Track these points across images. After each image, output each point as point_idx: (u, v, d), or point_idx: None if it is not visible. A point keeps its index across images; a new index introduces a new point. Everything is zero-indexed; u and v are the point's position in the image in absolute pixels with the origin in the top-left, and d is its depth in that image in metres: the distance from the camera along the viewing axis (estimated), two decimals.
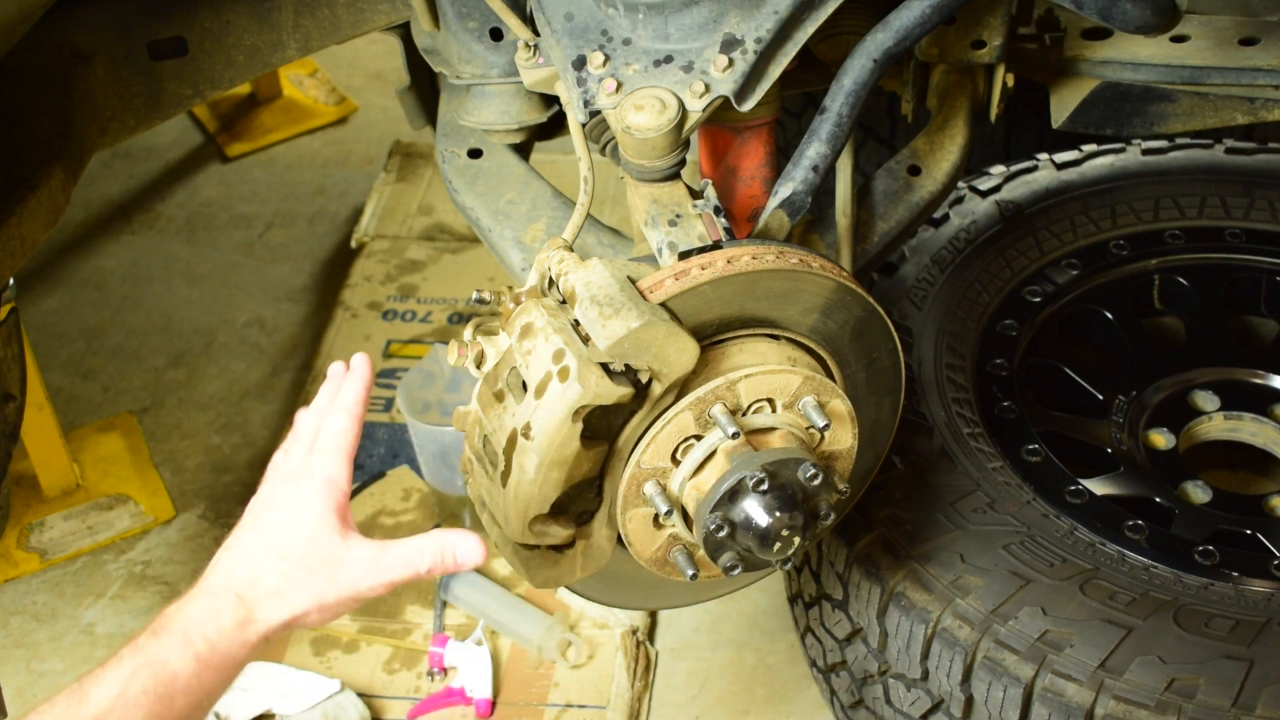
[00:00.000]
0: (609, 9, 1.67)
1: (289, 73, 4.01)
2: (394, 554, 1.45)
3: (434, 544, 1.46)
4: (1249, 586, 1.85)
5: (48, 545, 2.73)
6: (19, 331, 2.08)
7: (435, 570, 1.46)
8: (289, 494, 1.47)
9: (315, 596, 1.41)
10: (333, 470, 1.49)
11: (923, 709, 1.90)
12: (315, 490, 1.46)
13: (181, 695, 1.33)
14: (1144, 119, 2.12)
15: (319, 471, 1.48)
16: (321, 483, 1.47)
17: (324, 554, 1.43)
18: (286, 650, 2.46)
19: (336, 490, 1.47)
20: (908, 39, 1.71)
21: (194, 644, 1.35)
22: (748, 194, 1.91)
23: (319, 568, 1.42)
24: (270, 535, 1.44)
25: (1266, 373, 2.30)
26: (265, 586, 1.40)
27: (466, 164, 2.08)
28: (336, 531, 1.44)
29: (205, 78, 2.09)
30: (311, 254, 3.48)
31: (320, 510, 1.45)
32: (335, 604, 1.43)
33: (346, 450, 1.51)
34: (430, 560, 1.46)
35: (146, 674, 1.32)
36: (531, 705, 2.36)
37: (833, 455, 1.62)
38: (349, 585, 1.43)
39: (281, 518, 1.45)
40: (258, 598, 1.39)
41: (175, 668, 1.33)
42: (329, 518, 1.45)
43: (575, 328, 1.46)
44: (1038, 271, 2.34)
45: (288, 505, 1.46)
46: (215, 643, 1.36)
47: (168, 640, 1.35)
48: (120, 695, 1.30)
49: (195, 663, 1.34)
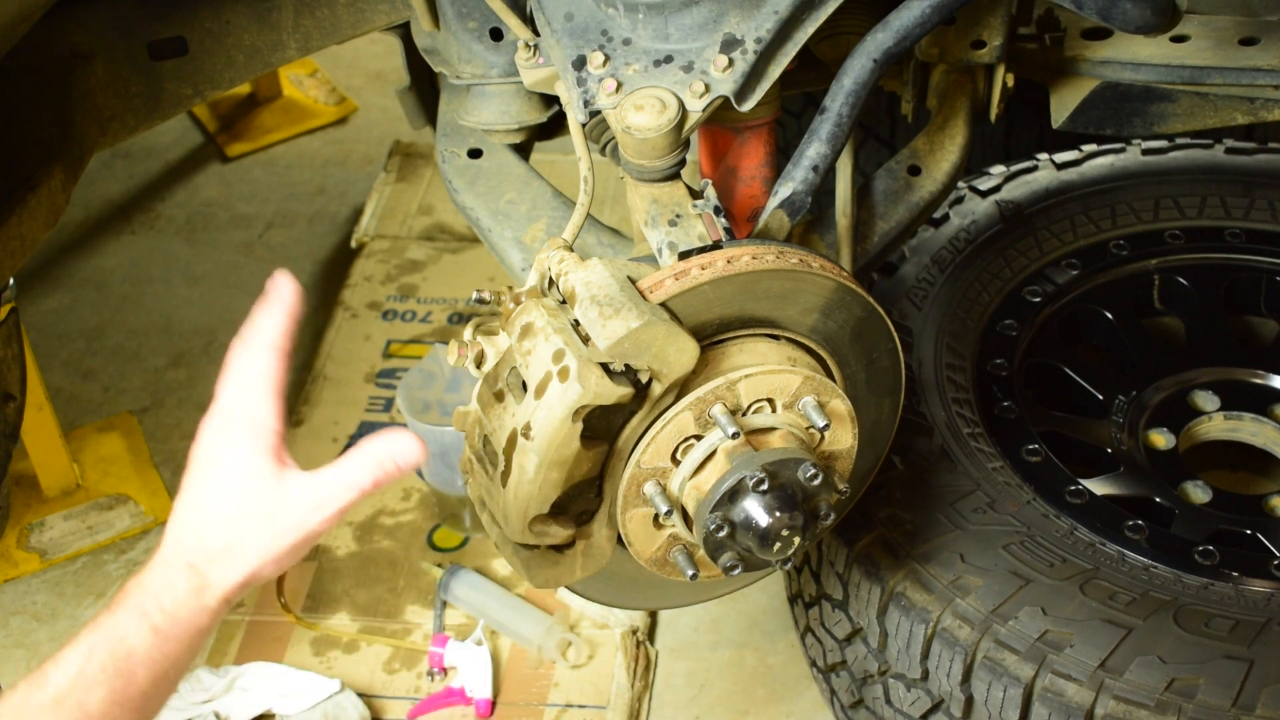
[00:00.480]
0: (609, 9, 1.67)
1: (289, 73, 4.01)
2: (334, 483, 1.39)
3: (370, 457, 1.41)
4: (1249, 586, 1.85)
5: (48, 545, 2.73)
6: (19, 331, 2.08)
7: (380, 482, 1.41)
8: (219, 447, 1.41)
9: (264, 549, 1.37)
10: (257, 411, 1.41)
11: (923, 709, 1.90)
12: (242, 437, 1.40)
13: (142, 668, 1.31)
14: (1144, 119, 2.12)
15: (243, 416, 1.41)
16: (246, 427, 1.40)
17: (264, 504, 1.38)
18: (286, 650, 2.46)
19: (265, 431, 1.40)
20: (908, 39, 1.71)
21: (150, 615, 1.33)
22: (748, 194, 1.91)
23: (262, 520, 1.37)
24: (208, 496, 1.39)
25: (1266, 373, 2.30)
26: (213, 550, 1.36)
27: (466, 164, 2.08)
28: (271, 476, 1.38)
29: (205, 78, 2.09)
30: (311, 254, 3.48)
31: (251, 458, 1.39)
32: (289, 550, 1.39)
33: (271, 387, 1.42)
34: (372, 474, 1.40)
35: (104, 650, 1.30)
36: (531, 705, 2.36)
37: (833, 455, 1.62)
38: (296, 528, 1.38)
39: (215, 475, 1.39)
40: (208, 562, 1.36)
41: (133, 642, 1.31)
42: (261, 463, 1.39)
43: (575, 328, 1.46)
44: (1038, 271, 2.34)
45: (219, 460, 1.40)
46: (172, 612, 1.34)
47: (123, 615, 1.32)
48: (79, 675, 1.28)
49: (153, 634, 1.32)
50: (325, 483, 1.39)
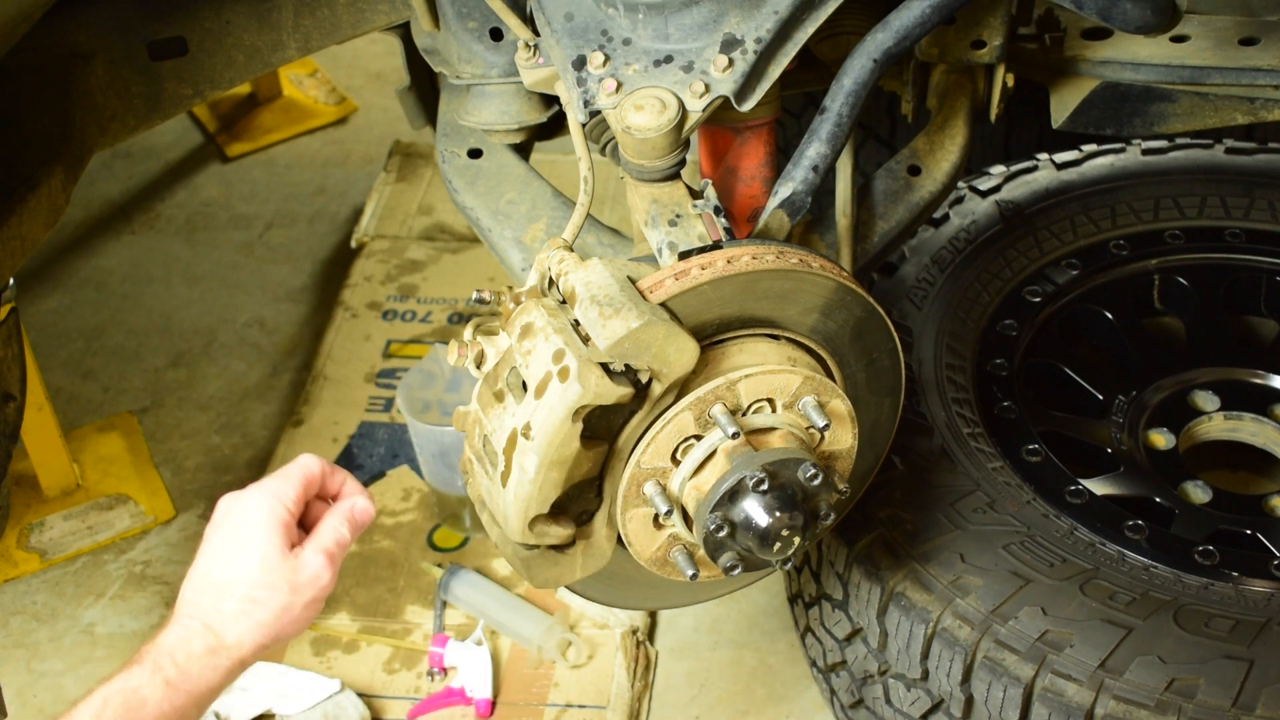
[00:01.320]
0: (609, 9, 1.67)
1: (289, 73, 4.01)
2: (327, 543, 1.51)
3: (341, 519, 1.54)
4: (1249, 586, 1.85)
5: (48, 545, 2.73)
6: (19, 331, 2.08)
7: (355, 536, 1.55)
8: (236, 513, 1.50)
9: (282, 610, 1.46)
10: (280, 490, 1.51)
11: (923, 709, 1.90)
12: (261, 507, 1.50)
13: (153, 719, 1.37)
14: (1144, 119, 2.12)
15: (267, 489, 1.52)
16: (268, 498, 1.50)
17: (278, 566, 1.47)
18: (286, 650, 2.46)
19: (281, 506, 1.50)
20: (908, 39, 1.71)
21: (163, 669, 1.39)
22: (748, 194, 1.91)
23: (279, 583, 1.46)
24: (224, 559, 1.47)
25: (1266, 373, 2.30)
26: (229, 611, 1.44)
27: (466, 164, 2.08)
28: (285, 543, 1.48)
29: (205, 78, 2.09)
30: (311, 254, 3.48)
31: (267, 527, 1.48)
32: (304, 611, 1.48)
33: (300, 479, 1.54)
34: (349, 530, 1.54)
35: (117, 700, 1.36)
36: (531, 705, 2.36)
37: (833, 455, 1.62)
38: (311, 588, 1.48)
39: (230, 540, 1.48)
40: (224, 624, 1.43)
41: (145, 693, 1.37)
42: (275, 530, 1.48)
43: (575, 328, 1.46)
44: (1038, 271, 2.34)
45: (236, 526, 1.49)
46: (185, 667, 1.40)
47: (138, 669, 1.39)
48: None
49: (165, 687, 1.38)
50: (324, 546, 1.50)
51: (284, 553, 1.47)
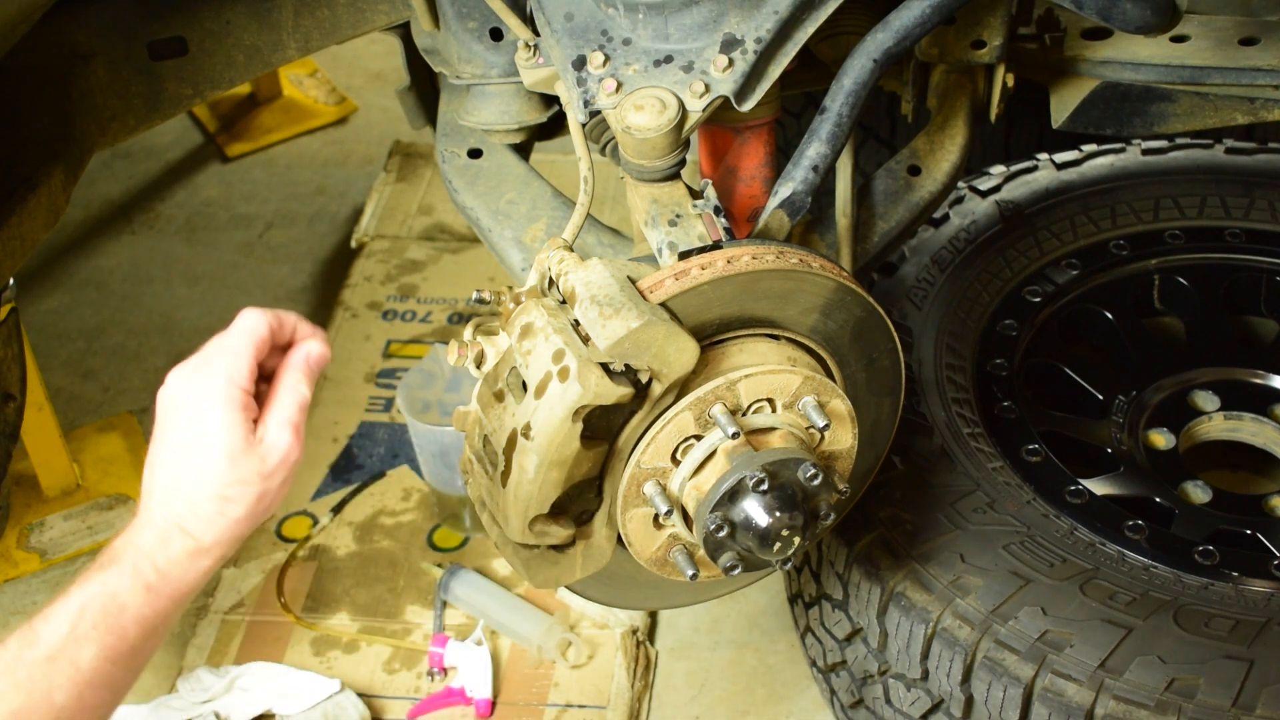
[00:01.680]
0: (609, 9, 1.67)
1: (289, 73, 4.01)
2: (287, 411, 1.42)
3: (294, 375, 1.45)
4: (1249, 586, 1.85)
5: (48, 545, 2.73)
6: (19, 331, 2.08)
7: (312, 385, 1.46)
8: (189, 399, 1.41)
9: (256, 499, 1.39)
10: (231, 367, 1.41)
11: (923, 709, 1.90)
12: (216, 392, 1.40)
13: (133, 625, 1.32)
14: (1144, 119, 2.12)
15: (218, 369, 1.41)
16: (221, 382, 1.40)
17: (246, 459, 1.38)
18: (286, 650, 2.46)
19: (235, 388, 1.40)
20: (908, 39, 1.71)
21: (143, 573, 1.34)
22: (748, 194, 1.91)
23: (250, 477, 1.38)
24: (188, 457, 1.39)
25: (1266, 373, 2.30)
26: (205, 513, 1.37)
27: (466, 164, 2.08)
28: (249, 430, 1.39)
29: (205, 78, 2.09)
30: (311, 254, 3.48)
31: (228, 416, 1.39)
32: (277, 491, 1.41)
33: (251, 345, 1.43)
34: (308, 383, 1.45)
35: (95, 607, 1.31)
36: (531, 705, 2.36)
37: (833, 455, 1.62)
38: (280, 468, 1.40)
39: (190, 433, 1.40)
40: (201, 526, 1.37)
41: (125, 599, 1.32)
42: (238, 419, 1.39)
43: (575, 328, 1.46)
44: (1038, 271, 2.34)
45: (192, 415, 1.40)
46: (165, 571, 1.35)
47: (116, 571, 1.34)
48: (71, 632, 1.29)
49: (146, 592, 1.34)
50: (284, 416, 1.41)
51: (248, 440, 1.38)
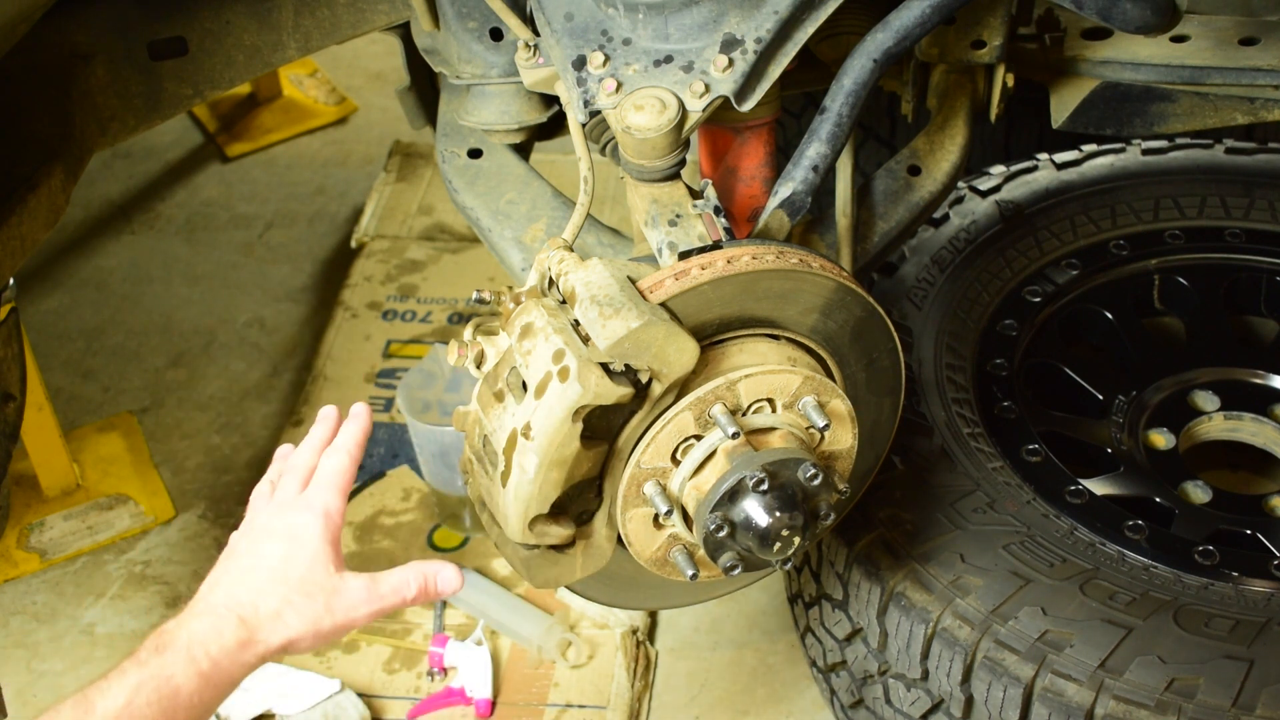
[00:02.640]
0: (609, 9, 1.67)
1: (289, 73, 4.01)
2: (384, 585, 1.52)
3: (417, 575, 1.54)
4: (1249, 586, 1.85)
5: (48, 545, 2.73)
6: (19, 331, 2.08)
7: (419, 599, 1.55)
8: (286, 523, 1.52)
9: (312, 622, 1.46)
10: (330, 504, 1.54)
11: (923, 709, 1.90)
12: (314, 521, 1.52)
13: (184, 710, 1.36)
14: (1144, 119, 2.12)
15: (317, 503, 1.54)
16: (320, 515, 1.52)
17: (321, 583, 1.48)
18: None
19: (333, 524, 1.53)
20: (908, 39, 1.71)
21: (198, 661, 1.38)
22: (748, 194, 1.91)
23: (317, 595, 1.47)
24: (270, 561, 1.48)
25: (1266, 373, 2.30)
26: (266, 610, 1.44)
27: (466, 164, 2.08)
28: (332, 563, 1.50)
29: (205, 78, 2.09)
30: (311, 254, 3.48)
31: (318, 541, 1.50)
32: (329, 632, 1.48)
33: (343, 487, 1.57)
34: (415, 590, 1.54)
35: (151, 688, 1.34)
36: (531, 705, 2.36)
37: (833, 455, 1.62)
38: (344, 614, 1.48)
39: (281, 545, 1.50)
40: (259, 620, 1.43)
41: (179, 682, 1.36)
42: (326, 549, 1.50)
43: (575, 328, 1.46)
44: (1038, 271, 2.33)
45: (286, 534, 1.51)
46: (218, 660, 1.39)
47: (172, 656, 1.38)
48: (126, 707, 1.32)
49: (199, 679, 1.37)
50: (376, 586, 1.51)
51: (330, 570, 1.49)
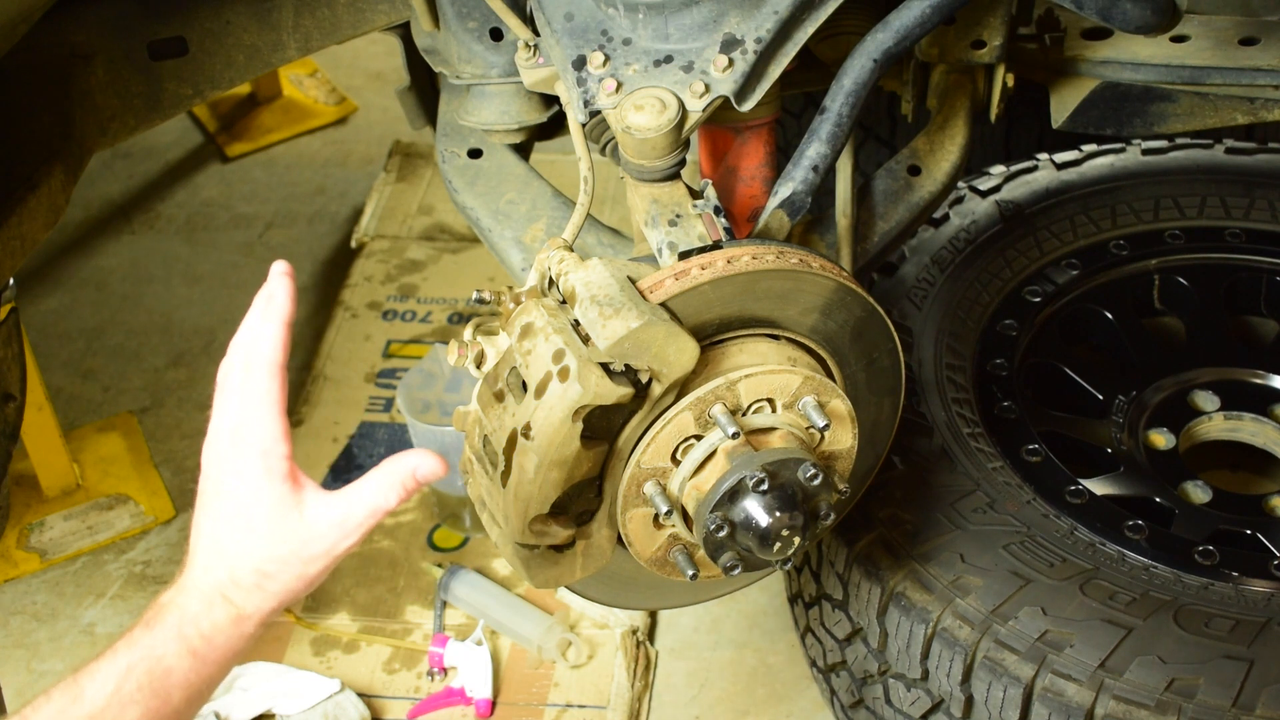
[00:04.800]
0: (609, 9, 1.67)
1: (289, 73, 4.01)
2: (358, 505, 1.40)
3: (393, 477, 1.41)
4: (1249, 586, 1.85)
5: (48, 545, 2.73)
6: (19, 331, 2.08)
7: (401, 499, 1.42)
8: (230, 474, 1.39)
9: (296, 578, 1.39)
10: (264, 434, 1.38)
11: (923, 709, 1.90)
12: (254, 464, 1.38)
13: (178, 690, 1.33)
14: (1144, 119, 2.12)
15: (252, 441, 1.38)
16: (257, 453, 1.38)
17: (287, 534, 1.38)
18: (286, 650, 2.46)
19: (276, 456, 1.38)
20: (908, 39, 1.71)
21: (189, 639, 1.34)
22: (748, 194, 1.91)
23: (289, 553, 1.38)
24: (229, 526, 1.38)
25: (1266, 373, 2.30)
26: (245, 582, 1.38)
27: (466, 164, 2.08)
28: (291, 503, 1.38)
29: (205, 78, 2.09)
30: (311, 254, 3.49)
31: (267, 485, 1.37)
32: (317, 574, 1.40)
33: (275, 407, 1.39)
34: (397, 495, 1.41)
35: (141, 669, 1.31)
36: (531, 705, 2.36)
37: (833, 455, 1.62)
38: (324, 553, 1.39)
39: (233, 504, 1.39)
40: (242, 596, 1.38)
41: (170, 663, 1.32)
42: (278, 489, 1.38)
43: (575, 328, 1.46)
44: (1038, 271, 2.34)
45: (233, 488, 1.39)
46: (210, 637, 1.35)
47: (162, 635, 1.33)
48: (116, 692, 1.29)
49: (191, 657, 1.34)
50: (347, 503, 1.40)
51: (292, 514, 1.37)
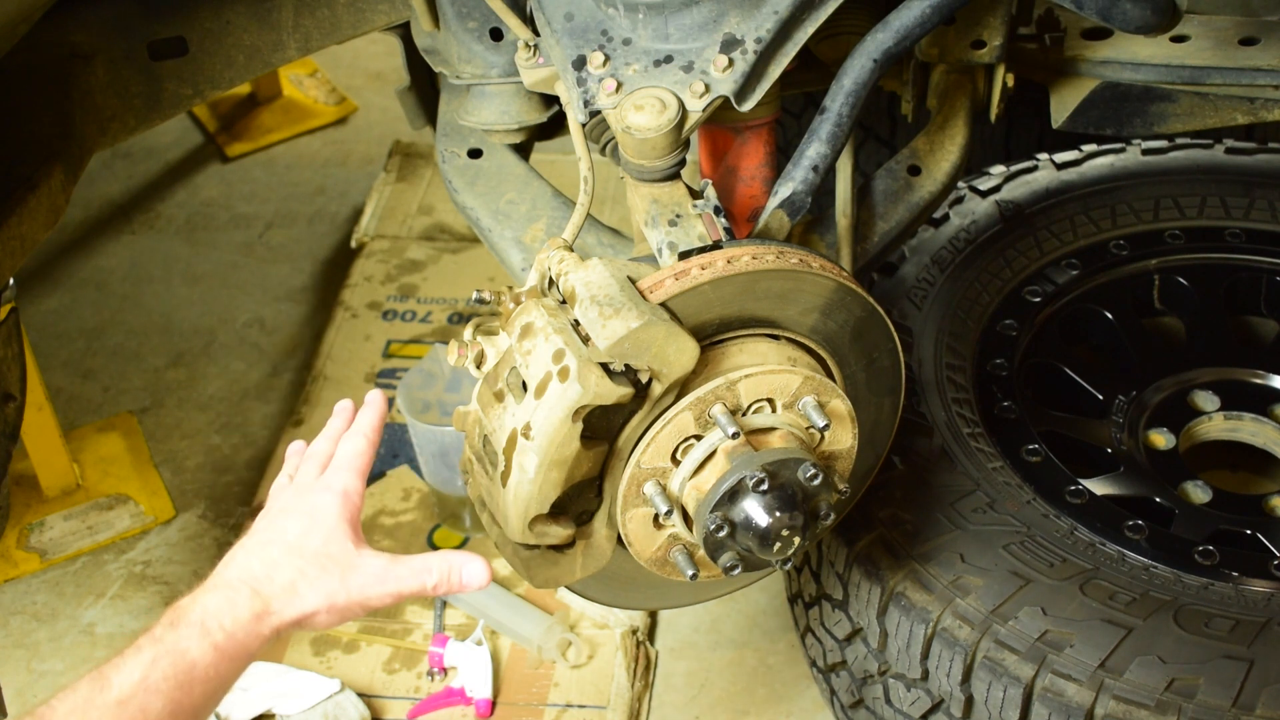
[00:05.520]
0: (609, 9, 1.67)
1: (289, 73, 4.01)
2: (404, 567, 1.50)
3: (442, 562, 1.52)
4: (1249, 586, 1.85)
5: (48, 545, 2.73)
6: (19, 331, 2.08)
7: (440, 588, 1.51)
8: (305, 502, 1.53)
9: (327, 595, 1.46)
10: (349, 484, 1.54)
11: (923, 709, 1.90)
12: (332, 500, 1.52)
13: (200, 683, 1.36)
14: (1144, 119, 2.12)
15: (336, 484, 1.54)
16: (339, 494, 1.52)
17: (337, 557, 1.47)
18: (286, 650, 2.46)
19: (351, 504, 1.53)
20: (908, 39, 1.71)
21: (212, 634, 1.38)
22: (748, 194, 1.91)
23: (332, 568, 1.46)
24: (287, 535, 1.48)
25: (1266, 373, 2.30)
26: (280, 581, 1.44)
27: (466, 164, 2.08)
28: (350, 540, 1.49)
29: (205, 78, 2.09)
30: (311, 254, 3.48)
31: (336, 518, 1.50)
32: (344, 607, 1.47)
33: (362, 469, 1.57)
34: (437, 578, 1.51)
35: (167, 662, 1.35)
36: (531, 705, 2.36)
37: (833, 455, 1.62)
38: (359, 590, 1.47)
39: (298, 521, 1.50)
40: (273, 592, 1.43)
41: (194, 656, 1.36)
42: (344, 526, 1.50)
43: (575, 328, 1.46)
44: (1038, 271, 2.34)
45: (304, 511, 1.51)
46: (232, 633, 1.39)
47: (186, 630, 1.38)
48: (142, 682, 1.33)
49: (214, 652, 1.38)
50: (397, 565, 1.50)
51: (348, 546, 1.48)
